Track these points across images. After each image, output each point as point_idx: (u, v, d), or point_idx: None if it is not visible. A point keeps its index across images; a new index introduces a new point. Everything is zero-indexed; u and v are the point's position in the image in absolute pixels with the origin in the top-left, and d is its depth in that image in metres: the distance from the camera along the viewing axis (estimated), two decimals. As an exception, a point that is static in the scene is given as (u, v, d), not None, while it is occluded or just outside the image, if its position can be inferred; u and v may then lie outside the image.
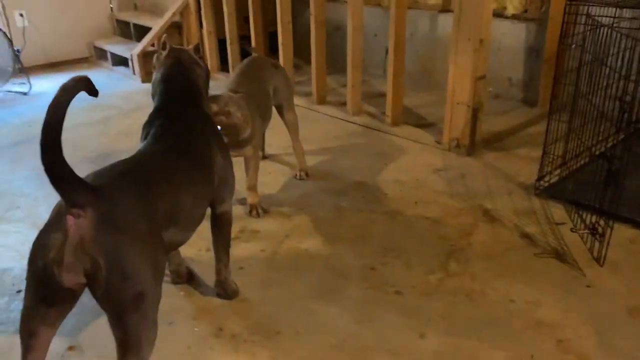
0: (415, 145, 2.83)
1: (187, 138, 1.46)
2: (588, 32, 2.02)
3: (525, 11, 3.31)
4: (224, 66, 4.20)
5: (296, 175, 2.52)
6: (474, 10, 2.42)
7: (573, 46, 2.06)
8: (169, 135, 1.44)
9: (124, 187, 1.16)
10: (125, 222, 1.11)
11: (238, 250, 1.97)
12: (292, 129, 2.51)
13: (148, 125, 1.50)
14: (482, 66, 2.53)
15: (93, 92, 1.08)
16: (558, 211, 2.16)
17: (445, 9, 3.67)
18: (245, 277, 1.82)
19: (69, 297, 1.14)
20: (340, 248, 1.97)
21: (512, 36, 3.36)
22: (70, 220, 1.05)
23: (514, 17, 3.35)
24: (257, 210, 2.20)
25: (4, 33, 3.82)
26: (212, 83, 1.84)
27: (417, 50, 3.80)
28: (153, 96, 1.60)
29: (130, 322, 1.11)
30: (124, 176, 1.20)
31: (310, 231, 2.08)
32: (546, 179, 2.29)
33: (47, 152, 0.98)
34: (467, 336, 1.54)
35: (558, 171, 2.32)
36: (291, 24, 3.49)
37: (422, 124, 3.09)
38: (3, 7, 4.28)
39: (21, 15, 4.36)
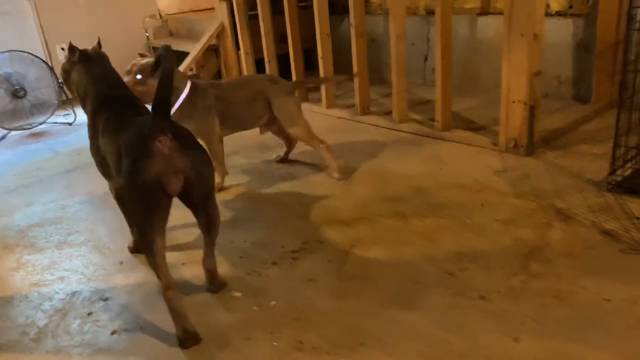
0: (470, 149, 2.75)
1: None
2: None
3: (570, 7, 3.23)
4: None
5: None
6: (526, 4, 2.35)
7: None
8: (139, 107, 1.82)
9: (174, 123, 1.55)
10: (193, 141, 1.58)
11: (304, 262, 1.92)
12: (302, 141, 2.66)
13: (104, 108, 1.77)
14: (537, 62, 2.46)
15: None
16: (636, 205, 2.04)
17: (484, 12, 3.61)
18: (316, 289, 1.76)
19: (169, 204, 1.52)
20: (411, 255, 1.89)
21: (558, 33, 3.27)
22: (161, 143, 1.45)
23: (559, 13, 3.27)
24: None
25: (49, 67, 3.92)
26: None
27: (457, 55, 3.72)
28: (83, 89, 1.86)
29: (212, 204, 1.65)
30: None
31: (375, 239, 2.01)
32: (618, 172, 2.18)
33: (161, 97, 1.46)
34: (565, 338, 1.44)
35: (629, 164, 2.21)
36: (330, 36, 3.48)
37: (472, 127, 3.01)
38: (46, 41, 4.41)
39: (62, 49, 4.47)
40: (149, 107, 1.76)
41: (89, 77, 1.85)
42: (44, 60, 3.93)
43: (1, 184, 2.97)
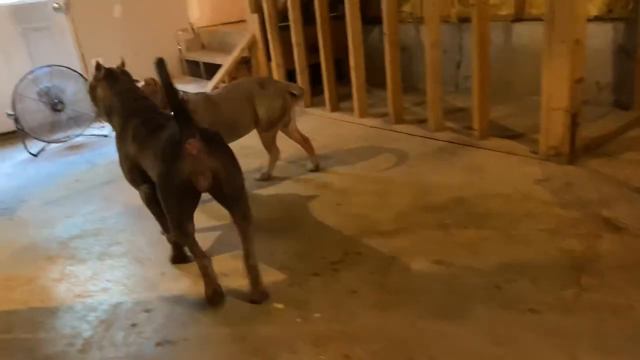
0: (509, 157, 2.70)
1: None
2: None
3: (610, 11, 3.15)
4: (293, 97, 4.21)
5: (257, 176, 2.80)
6: (567, 10, 2.30)
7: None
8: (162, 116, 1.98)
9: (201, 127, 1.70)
10: (220, 142, 1.72)
11: (345, 273, 1.90)
12: (263, 145, 2.70)
13: (131, 118, 1.96)
14: (579, 68, 2.40)
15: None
16: (690, 215, 1.97)
17: (518, 18, 3.56)
18: (360, 301, 1.74)
19: (198, 198, 1.71)
20: (455, 267, 1.85)
21: (597, 38, 3.19)
22: (190, 146, 1.60)
23: (597, 18, 3.19)
24: None
25: (86, 80, 4.00)
26: None
27: (491, 62, 3.67)
28: (108, 103, 2.05)
29: (243, 200, 1.74)
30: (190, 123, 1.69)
31: (417, 250, 1.98)
32: (669, 181, 2.11)
33: (175, 105, 1.65)
34: (630, 355, 1.38)
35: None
36: (362, 46, 3.47)
37: (510, 135, 2.95)
38: (82, 55, 4.52)
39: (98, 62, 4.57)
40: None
41: (113, 92, 2.04)
42: (81, 75, 4.02)
43: (42, 195, 3.03)
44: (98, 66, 2.07)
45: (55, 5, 4.33)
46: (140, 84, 2.40)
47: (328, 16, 3.64)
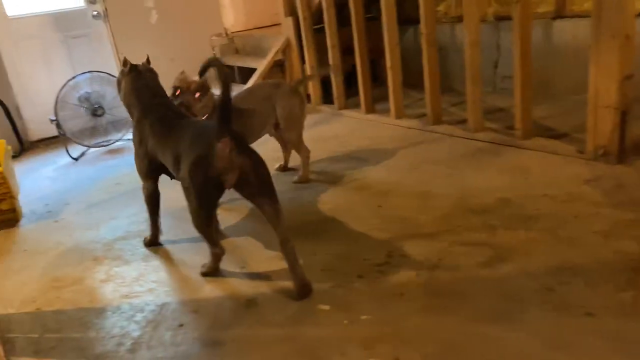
0: (554, 158, 2.62)
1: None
2: None
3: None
4: (326, 99, 4.22)
5: (294, 179, 2.80)
6: (616, 5, 2.23)
7: None
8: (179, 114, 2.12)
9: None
10: (247, 143, 1.82)
11: (391, 275, 1.87)
12: (292, 146, 2.79)
13: (147, 113, 2.08)
14: (629, 64, 2.32)
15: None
16: None
17: (559, 15, 3.47)
18: (407, 303, 1.71)
19: (222, 193, 1.83)
20: (504, 270, 1.81)
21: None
22: (223, 144, 1.70)
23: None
24: None
25: (125, 85, 4.08)
26: (316, 115, 2.63)
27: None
28: (131, 98, 2.14)
29: (274, 194, 1.79)
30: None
31: (464, 253, 1.94)
32: None
33: (226, 102, 1.75)
34: (694, 362, 1.32)
35: None
36: (398, 46, 3.44)
37: (553, 135, 2.88)
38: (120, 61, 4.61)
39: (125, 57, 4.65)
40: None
41: (133, 87, 2.14)
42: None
43: (84, 198, 3.09)
44: (125, 62, 2.16)
45: (94, 12, 4.44)
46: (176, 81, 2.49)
47: (363, 17, 3.62)
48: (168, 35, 4.74)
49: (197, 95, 2.45)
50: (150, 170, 2.16)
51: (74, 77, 3.91)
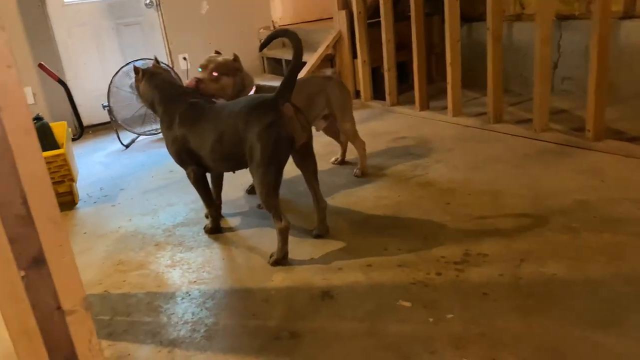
0: (629, 160, 2.51)
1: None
2: None
3: None
4: (377, 95, 4.16)
5: (355, 172, 2.77)
6: None
7: None
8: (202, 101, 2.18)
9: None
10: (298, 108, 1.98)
11: (471, 274, 1.79)
12: (347, 137, 2.76)
13: (172, 105, 2.18)
14: None
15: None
16: None
17: (628, 15, 3.34)
18: (494, 304, 1.63)
19: (284, 164, 1.94)
20: (597, 273, 1.71)
21: None
22: (287, 108, 1.89)
23: None
24: None
25: (177, 74, 4.07)
26: (366, 111, 3.02)
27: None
28: (153, 94, 2.25)
29: (313, 153, 2.06)
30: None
31: (548, 254, 1.85)
32: None
33: (294, 72, 1.88)
34: None
35: None
36: (459, 43, 3.36)
37: (625, 137, 2.76)
38: (170, 52, 4.62)
39: (184, 58, 4.66)
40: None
41: (151, 85, 2.25)
42: (172, 69, 4.09)
43: (139, 185, 3.08)
44: (136, 70, 2.31)
45: (147, 1, 4.45)
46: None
47: (423, 13, 3.55)
48: (216, 27, 4.74)
49: (215, 74, 2.29)
50: (187, 157, 2.17)
51: (127, 64, 3.91)
